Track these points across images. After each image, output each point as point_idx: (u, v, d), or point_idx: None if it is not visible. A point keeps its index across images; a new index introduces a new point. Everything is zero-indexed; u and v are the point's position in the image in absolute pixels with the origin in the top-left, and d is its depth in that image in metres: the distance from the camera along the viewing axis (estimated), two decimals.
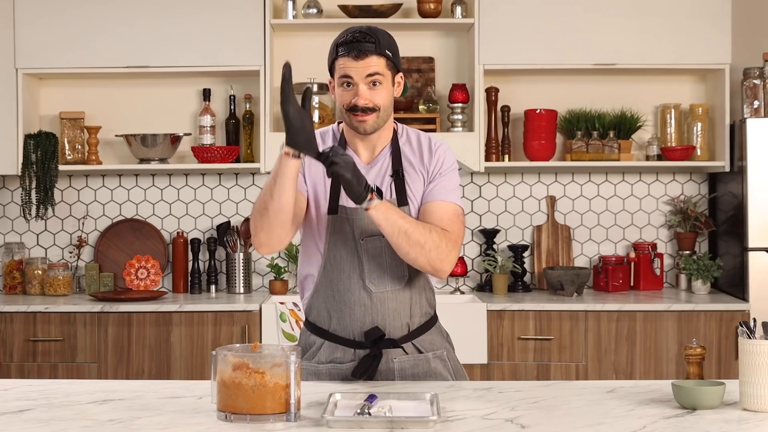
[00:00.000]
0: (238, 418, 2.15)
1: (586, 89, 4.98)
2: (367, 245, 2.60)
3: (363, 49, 2.56)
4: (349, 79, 2.57)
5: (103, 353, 4.41)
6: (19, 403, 2.37)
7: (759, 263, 4.46)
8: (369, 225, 2.58)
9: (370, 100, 2.58)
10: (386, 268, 2.62)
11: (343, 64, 2.58)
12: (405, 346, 2.65)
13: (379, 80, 2.58)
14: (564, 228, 5.00)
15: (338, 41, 2.60)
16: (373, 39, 2.58)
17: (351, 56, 2.56)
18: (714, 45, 4.69)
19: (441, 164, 2.66)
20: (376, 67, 2.57)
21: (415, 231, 2.51)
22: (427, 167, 2.66)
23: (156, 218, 5.02)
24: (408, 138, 2.72)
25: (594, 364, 4.40)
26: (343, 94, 2.60)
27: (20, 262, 4.86)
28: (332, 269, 2.63)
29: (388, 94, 2.61)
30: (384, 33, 2.62)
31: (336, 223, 2.62)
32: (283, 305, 4.38)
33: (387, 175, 2.65)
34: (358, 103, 2.57)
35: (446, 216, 2.61)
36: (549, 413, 2.26)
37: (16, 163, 4.70)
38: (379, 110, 2.59)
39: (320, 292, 2.66)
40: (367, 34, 2.58)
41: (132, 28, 4.66)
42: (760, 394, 2.22)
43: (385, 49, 2.59)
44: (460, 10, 4.79)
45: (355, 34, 2.58)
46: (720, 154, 4.76)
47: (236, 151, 4.78)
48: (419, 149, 2.68)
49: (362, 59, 2.56)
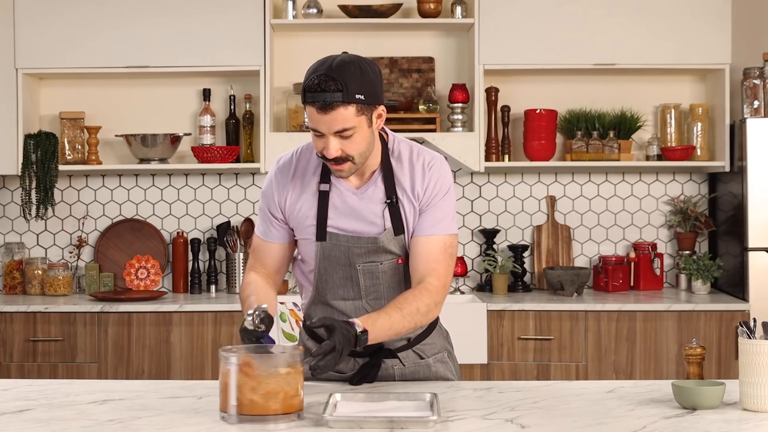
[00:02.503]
0: (241, 418, 2.15)
1: (586, 89, 4.98)
2: (364, 270, 2.55)
3: (328, 101, 2.34)
4: (318, 131, 2.41)
5: (103, 353, 4.41)
6: (19, 403, 2.37)
7: (759, 263, 4.46)
8: (364, 252, 2.53)
9: (342, 151, 2.41)
10: (383, 291, 2.57)
11: (310, 115, 2.39)
12: (405, 355, 2.63)
13: (348, 133, 2.39)
14: (564, 228, 5.00)
15: (305, 83, 2.38)
16: (340, 86, 2.34)
17: (316, 108, 2.36)
18: (714, 45, 4.69)
19: (432, 190, 2.54)
20: (344, 121, 2.36)
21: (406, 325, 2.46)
22: (418, 194, 2.54)
23: (156, 218, 5.02)
24: (400, 155, 2.57)
25: (594, 364, 4.40)
26: (314, 140, 2.45)
27: (20, 262, 4.86)
28: (325, 290, 2.59)
29: (363, 140, 2.42)
30: (355, 71, 2.37)
31: (326, 249, 2.55)
32: (283, 305, 4.37)
33: (381, 202, 2.54)
34: (327, 155, 2.42)
35: (432, 256, 2.52)
36: (549, 413, 2.26)
37: (16, 163, 4.70)
38: (353, 158, 2.44)
39: (317, 307, 2.63)
40: (334, 79, 2.34)
41: (132, 28, 4.67)
42: (760, 394, 2.22)
43: (354, 95, 2.35)
44: (460, 10, 4.79)
45: (321, 78, 2.35)
46: (720, 154, 4.76)
47: (236, 151, 4.78)
48: (411, 171, 2.55)
49: (328, 113, 2.35)
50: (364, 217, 2.54)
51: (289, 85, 4.86)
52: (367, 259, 2.55)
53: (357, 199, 2.54)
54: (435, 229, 2.53)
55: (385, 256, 2.55)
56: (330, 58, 2.41)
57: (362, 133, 2.42)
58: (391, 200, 2.53)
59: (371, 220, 2.53)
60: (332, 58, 2.41)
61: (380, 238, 2.52)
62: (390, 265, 2.57)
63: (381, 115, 2.47)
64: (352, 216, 2.54)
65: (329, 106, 2.35)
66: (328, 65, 2.37)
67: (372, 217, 2.53)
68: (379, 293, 2.57)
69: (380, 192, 2.54)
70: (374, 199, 2.54)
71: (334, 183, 2.55)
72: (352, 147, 2.42)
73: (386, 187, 2.54)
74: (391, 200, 2.53)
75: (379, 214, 2.53)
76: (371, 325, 2.37)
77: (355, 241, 2.53)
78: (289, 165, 2.61)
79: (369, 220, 2.53)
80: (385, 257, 2.55)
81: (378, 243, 2.53)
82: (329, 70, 2.36)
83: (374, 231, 2.54)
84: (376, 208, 2.54)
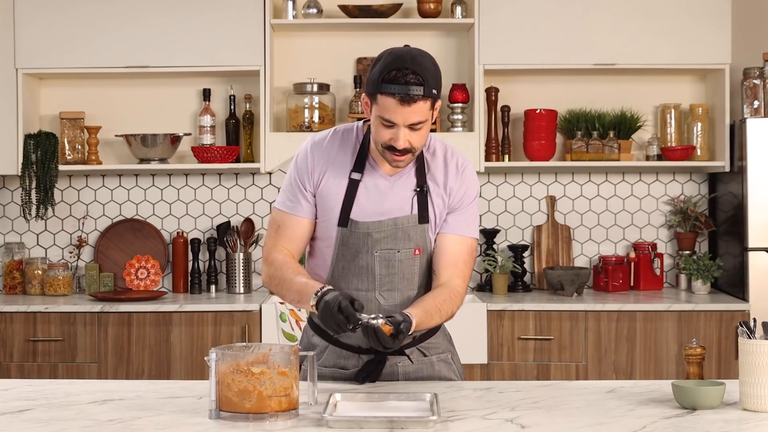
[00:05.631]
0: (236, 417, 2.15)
1: (586, 89, 4.98)
2: (381, 257, 2.57)
3: (411, 95, 2.39)
4: (391, 122, 2.44)
5: (103, 353, 4.40)
6: (19, 403, 2.37)
7: (759, 263, 4.46)
8: (383, 238, 2.56)
9: (409, 143, 2.46)
10: (398, 282, 2.59)
11: (387, 106, 2.41)
12: (409, 351, 2.63)
13: (419, 126, 2.44)
14: (564, 228, 5.00)
15: (385, 76, 2.41)
16: (421, 80, 2.39)
17: (396, 99, 2.40)
18: (714, 45, 4.69)
19: (466, 192, 2.60)
20: (421, 114, 2.42)
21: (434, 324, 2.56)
22: (451, 191, 2.59)
23: (156, 218, 5.02)
24: (435, 150, 2.62)
25: (594, 364, 4.40)
26: (380, 130, 2.46)
27: (20, 262, 4.86)
28: (340, 279, 2.60)
29: (426, 132, 2.49)
30: (431, 66, 2.45)
31: (345, 235, 2.57)
32: (283, 305, 4.37)
33: (411, 190, 2.58)
34: (397, 146, 2.45)
35: (461, 257, 2.59)
36: (549, 413, 2.26)
37: (16, 163, 4.70)
38: (415, 151, 2.49)
39: None
40: (416, 73, 2.39)
41: (132, 28, 4.66)
42: (760, 394, 2.22)
43: (432, 89, 2.42)
44: (460, 10, 4.79)
45: (405, 74, 2.39)
46: (720, 154, 4.76)
47: (236, 151, 4.78)
48: (445, 167, 2.61)
49: (408, 105, 2.40)
50: (392, 202, 2.57)
51: (289, 85, 4.86)
52: (385, 246, 2.56)
53: (389, 185, 2.58)
54: (466, 231, 2.61)
55: (404, 243, 2.57)
56: (406, 51, 2.45)
57: (428, 126, 2.48)
58: (421, 188, 2.57)
59: (399, 206, 2.57)
60: (407, 51, 2.45)
61: (401, 219, 2.56)
62: (407, 254, 2.58)
63: (437, 108, 2.52)
64: (379, 200, 2.57)
65: (411, 99, 2.39)
66: (408, 59, 2.41)
67: (400, 202, 2.57)
68: (393, 284, 2.58)
69: (412, 181, 2.59)
70: (406, 187, 2.59)
71: (368, 169, 2.58)
72: (418, 139, 2.47)
73: (418, 177, 2.58)
74: (421, 188, 2.57)
75: (408, 201, 2.58)
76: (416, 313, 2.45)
77: (376, 226, 2.55)
78: (329, 144, 2.61)
79: (397, 207, 2.57)
80: (404, 245, 2.58)
81: (398, 225, 2.55)
82: (410, 63, 2.40)
83: (399, 215, 2.57)
84: (405, 194, 2.58)
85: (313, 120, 4.76)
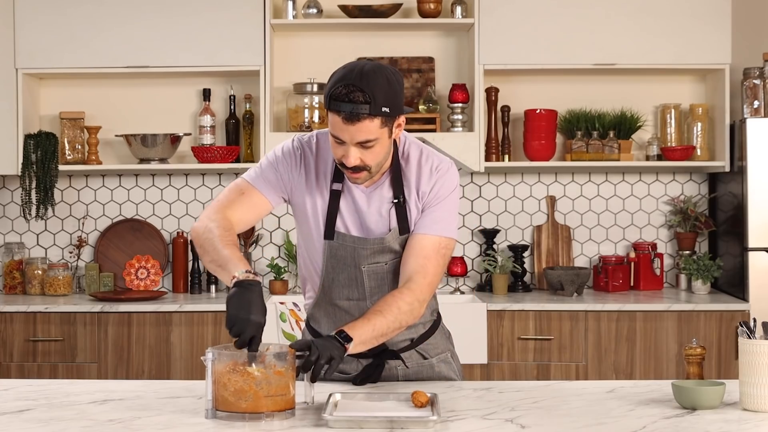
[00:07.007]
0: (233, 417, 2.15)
1: (586, 89, 4.98)
2: (369, 271, 2.56)
3: (355, 112, 2.31)
4: (340, 140, 2.38)
5: (103, 353, 4.41)
6: (19, 403, 2.37)
7: (759, 263, 4.46)
8: (370, 253, 2.54)
9: (361, 161, 2.40)
10: (387, 290, 2.55)
11: (334, 123, 2.36)
12: (408, 355, 2.63)
13: (370, 144, 2.38)
14: (564, 228, 5.00)
15: (331, 91, 2.35)
16: (368, 98, 2.31)
17: (341, 117, 2.33)
18: (714, 45, 4.69)
19: (437, 191, 2.53)
20: (368, 132, 2.35)
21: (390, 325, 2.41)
22: (424, 195, 2.53)
23: (156, 218, 5.02)
24: (409, 157, 2.56)
25: (594, 364, 4.40)
26: (334, 146, 2.42)
27: (20, 262, 4.86)
28: (331, 290, 2.60)
29: (382, 150, 2.42)
30: (383, 82, 2.35)
31: (333, 248, 2.55)
32: (283, 305, 4.37)
33: (388, 201, 2.54)
34: (347, 164, 2.40)
35: (423, 252, 2.51)
36: (549, 413, 2.26)
37: (16, 163, 4.70)
38: (370, 168, 2.43)
39: (321, 306, 2.63)
40: (362, 90, 2.31)
41: (132, 28, 4.66)
42: (760, 394, 2.22)
43: (380, 107, 2.33)
44: (460, 10, 4.79)
45: (352, 92, 2.31)
46: (720, 154, 4.76)
47: (236, 151, 4.78)
48: (418, 171, 2.54)
49: (354, 123, 2.33)
50: (371, 216, 2.54)
51: (289, 85, 4.86)
52: (372, 261, 2.55)
53: (365, 197, 2.54)
54: (432, 228, 2.53)
55: (390, 255, 2.56)
56: (357, 66, 2.37)
57: (383, 143, 2.41)
58: (398, 200, 2.53)
59: (377, 220, 2.54)
60: (359, 66, 2.37)
61: (386, 238, 2.53)
62: (395, 264, 2.57)
63: (400, 125, 2.46)
64: (359, 215, 2.54)
65: (355, 117, 2.33)
66: (356, 74, 2.33)
67: (378, 216, 2.54)
68: (383, 293, 2.56)
69: (388, 192, 2.54)
70: (382, 198, 2.54)
71: (346, 180, 2.54)
72: (372, 157, 2.41)
73: (394, 187, 2.53)
74: (398, 200, 2.53)
75: (386, 214, 2.54)
76: (350, 328, 2.34)
77: (361, 243, 2.53)
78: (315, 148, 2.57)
79: (375, 220, 2.54)
80: (390, 257, 2.56)
81: (384, 243, 2.53)
82: (358, 80, 2.32)
83: (380, 231, 2.54)
84: (383, 207, 2.54)
85: (313, 120, 4.76)
